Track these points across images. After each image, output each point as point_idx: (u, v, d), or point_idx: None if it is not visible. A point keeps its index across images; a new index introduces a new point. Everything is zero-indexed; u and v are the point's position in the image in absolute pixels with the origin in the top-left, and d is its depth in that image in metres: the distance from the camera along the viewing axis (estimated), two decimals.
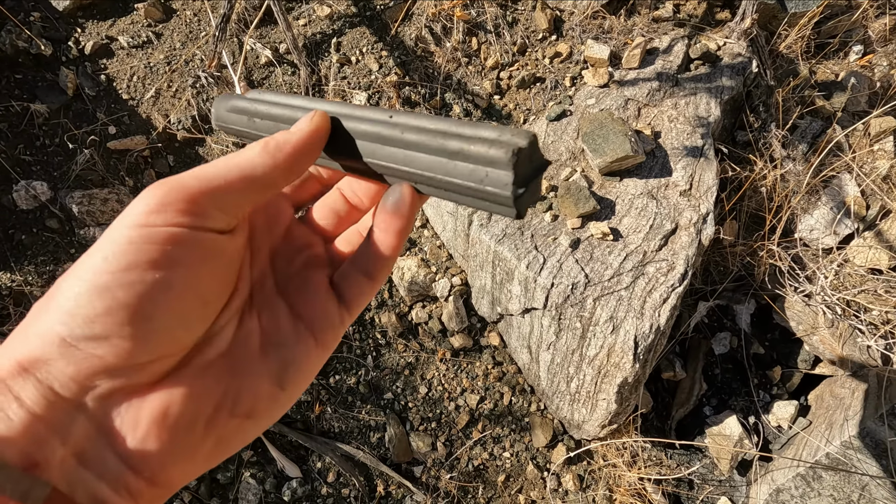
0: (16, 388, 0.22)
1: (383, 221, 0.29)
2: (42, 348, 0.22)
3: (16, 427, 0.21)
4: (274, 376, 0.27)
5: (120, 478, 0.23)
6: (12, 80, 1.64)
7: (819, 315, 1.52)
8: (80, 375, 0.22)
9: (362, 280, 0.30)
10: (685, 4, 1.78)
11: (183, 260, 0.24)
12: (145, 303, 0.23)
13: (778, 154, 1.61)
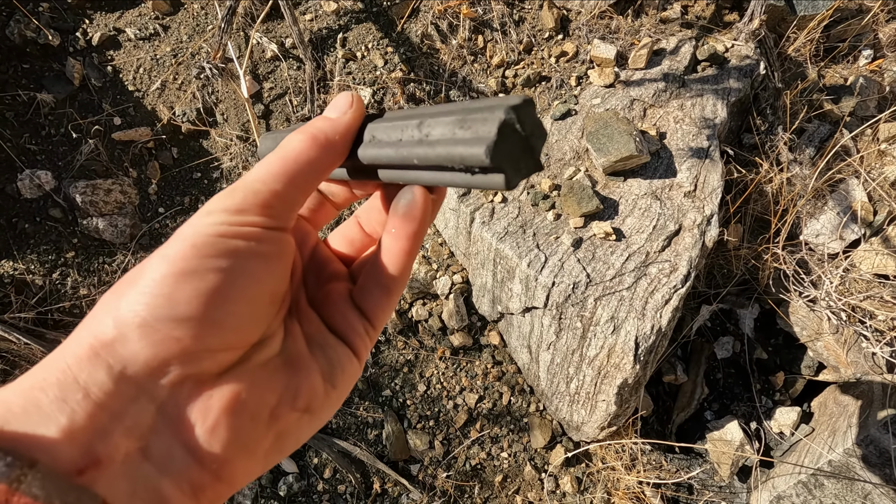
0: (83, 377, 0.22)
1: (395, 226, 0.29)
2: (119, 329, 0.22)
3: (80, 420, 0.21)
4: (325, 374, 0.29)
5: (184, 472, 0.23)
6: (19, 70, 1.65)
7: (824, 321, 1.50)
8: (156, 359, 0.22)
9: (377, 292, 0.30)
10: (693, 6, 1.77)
11: (261, 255, 0.25)
12: (227, 289, 0.24)
13: (784, 157, 1.59)
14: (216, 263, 0.23)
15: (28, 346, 1.47)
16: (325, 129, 0.28)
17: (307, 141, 0.27)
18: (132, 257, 1.63)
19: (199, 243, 0.24)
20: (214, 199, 0.26)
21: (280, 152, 0.27)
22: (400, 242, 0.29)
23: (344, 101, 0.29)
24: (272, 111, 1.68)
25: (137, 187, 1.66)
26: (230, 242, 0.24)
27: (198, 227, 0.24)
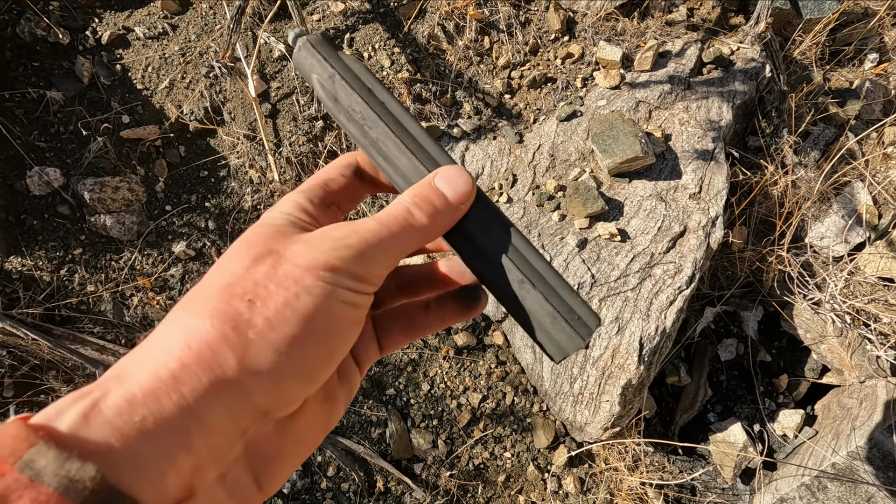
0: (204, 416, 0.23)
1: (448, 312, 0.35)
2: (247, 377, 0.24)
3: (194, 458, 0.22)
4: (347, 397, 0.32)
5: (246, 494, 0.25)
6: (29, 68, 1.66)
7: (828, 323, 1.50)
8: (269, 406, 0.25)
9: (401, 337, 0.35)
10: (699, 8, 1.78)
11: (360, 321, 0.28)
12: (335, 354, 0.27)
13: (789, 160, 1.59)
14: (335, 331, 0.26)
15: (35, 342, 1.48)
16: (445, 215, 0.30)
17: (428, 219, 0.30)
18: (139, 255, 1.64)
19: (329, 310, 0.26)
20: (342, 254, 0.27)
21: (397, 222, 0.29)
22: (438, 325, 0.34)
23: (464, 186, 0.31)
24: (279, 110, 1.69)
25: (145, 185, 1.67)
26: (348, 313, 0.27)
27: (328, 290, 0.26)
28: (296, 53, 0.34)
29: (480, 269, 0.32)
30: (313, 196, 0.31)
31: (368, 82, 0.33)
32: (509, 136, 1.63)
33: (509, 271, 0.32)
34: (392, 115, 0.33)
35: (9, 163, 1.62)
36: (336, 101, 0.33)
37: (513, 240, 0.33)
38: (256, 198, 1.67)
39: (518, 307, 0.32)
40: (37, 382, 1.54)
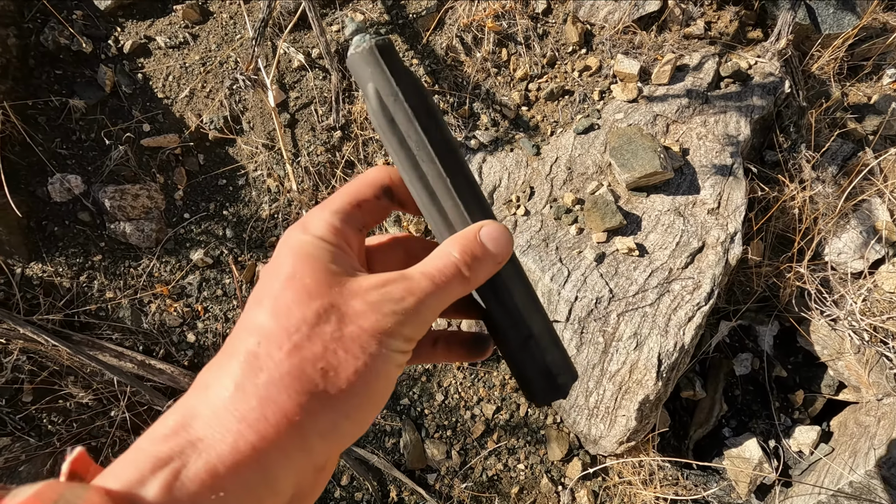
0: (274, 476, 0.24)
1: (453, 356, 0.37)
2: (315, 443, 0.26)
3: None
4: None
5: None
6: (52, 76, 1.68)
7: (846, 340, 1.49)
8: (330, 460, 0.28)
9: None
10: (717, 22, 1.78)
11: (400, 371, 0.30)
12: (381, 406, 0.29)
13: (807, 175, 1.59)
14: (389, 390, 0.28)
15: (55, 348, 1.50)
16: (487, 271, 0.32)
17: (472, 274, 0.31)
18: (157, 262, 1.65)
19: (389, 374, 0.28)
20: (401, 319, 0.28)
21: (448, 280, 0.30)
22: (440, 360, 0.37)
23: (507, 245, 0.33)
24: (297, 120, 1.71)
25: (164, 193, 1.68)
26: (398, 370, 0.29)
27: (389, 357, 0.28)
28: (355, 55, 0.31)
29: (497, 322, 0.34)
30: (348, 218, 0.31)
31: (431, 111, 0.32)
32: (526, 149, 1.63)
33: (521, 327, 0.33)
34: (447, 152, 0.32)
35: (31, 169, 1.64)
36: (392, 123, 0.31)
37: (529, 296, 0.34)
38: (274, 207, 1.68)
39: (518, 358, 0.34)
40: (55, 388, 1.55)
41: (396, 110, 0.31)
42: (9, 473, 1.47)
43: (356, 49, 0.32)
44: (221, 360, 0.27)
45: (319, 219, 0.31)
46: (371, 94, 0.31)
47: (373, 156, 1.69)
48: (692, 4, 1.75)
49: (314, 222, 0.31)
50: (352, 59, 0.32)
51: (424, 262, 0.31)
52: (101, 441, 1.58)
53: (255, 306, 0.28)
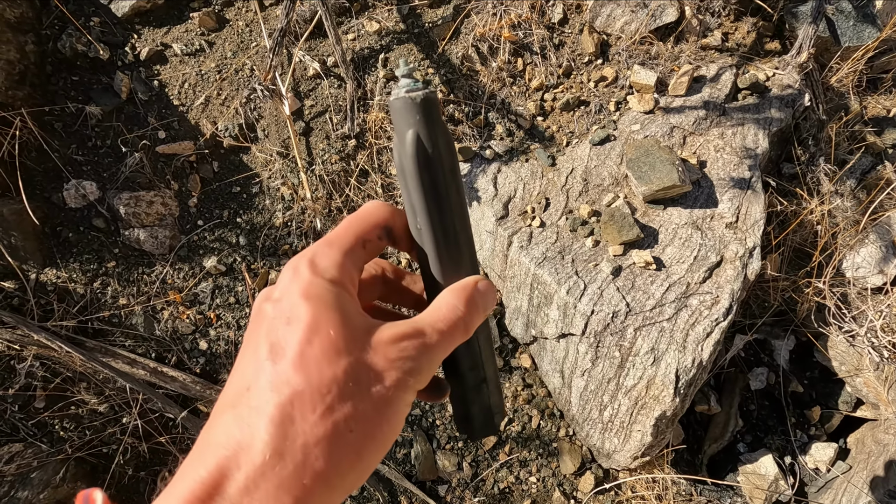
0: None
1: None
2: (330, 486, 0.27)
3: None
4: None
5: None
6: (69, 82, 1.69)
7: (864, 357, 1.48)
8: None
9: None
10: (734, 33, 1.77)
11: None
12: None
13: (826, 189, 1.57)
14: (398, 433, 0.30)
15: (69, 355, 1.50)
16: (480, 321, 0.34)
17: (469, 326, 0.33)
18: (170, 269, 1.65)
19: (402, 421, 0.30)
20: (417, 374, 0.30)
21: (455, 332, 0.33)
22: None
23: (493, 296, 0.35)
24: (312, 128, 1.71)
25: (178, 200, 1.69)
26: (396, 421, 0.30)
27: (406, 407, 0.30)
28: (406, 100, 0.33)
29: (460, 364, 0.37)
30: (355, 259, 0.32)
31: (455, 170, 0.35)
32: (542, 159, 1.62)
33: (479, 371, 0.37)
34: (461, 208, 0.35)
35: (47, 175, 1.65)
36: (422, 172, 0.33)
37: (490, 343, 0.39)
38: (288, 215, 1.68)
39: (469, 398, 0.38)
40: (68, 395, 1.55)
41: (430, 162, 0.33)
42: (21, 479, 1.47)
43: (407, 94, 0.33)
44: (244, 413, 0.27)
45: (330, 259, 0.31)
46: (409, 140, 0.33)
47: (387, 165, 1.69)
48: (709, 15, 1.74)
49: (325, 262, 0.31)
50: (400, 103, 0.33)
51: (433, 315, 0.32)
52: (112, 448, 1.58)
53: (274, 354, 0.28)
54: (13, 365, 1.53)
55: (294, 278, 0.30)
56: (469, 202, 1.62)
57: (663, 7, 1.68)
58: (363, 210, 0.34)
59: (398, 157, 0.34)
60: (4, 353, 1.52)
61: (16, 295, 1.56)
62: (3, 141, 1.52)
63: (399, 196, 1.67)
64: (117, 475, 1.58)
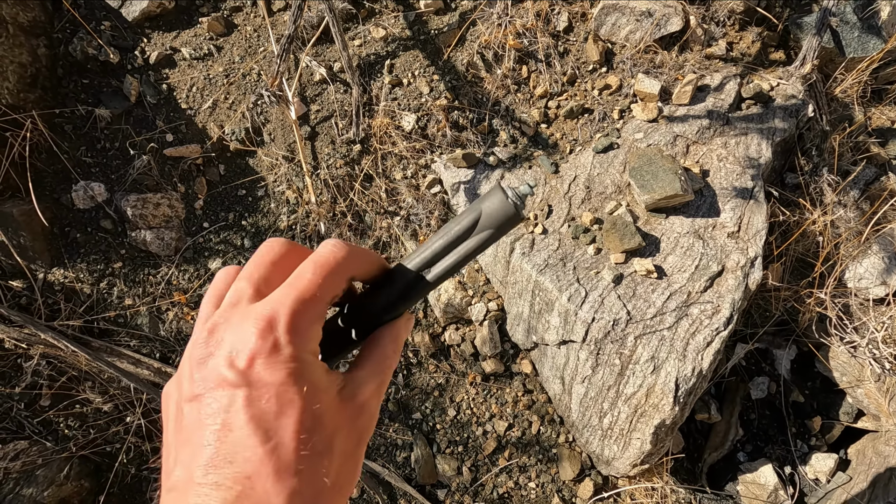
0: None
1: None
2: None
3: None
4: None
5: None
6: (79, 85, 1.71)
7: (866, 368, 1.47)
8: None
9: None
10: (739, 43, 1.77)
11: None
12: None
13: (829, 199, 1.58)
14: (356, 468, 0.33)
15: (75, 354, 1.52)
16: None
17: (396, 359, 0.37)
18: (176, 270, 1.67)
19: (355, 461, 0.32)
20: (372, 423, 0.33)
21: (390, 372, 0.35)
22: None
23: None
24: (318, 133, 1.72)
25: (184, 202, 1.71)
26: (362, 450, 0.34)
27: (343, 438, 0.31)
28: (512, 208, 0.35)
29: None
30: (324, 313, 0.31)
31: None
32: (545, 166, 1.63)
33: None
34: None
35: (56, 176, 1.67)
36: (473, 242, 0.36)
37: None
38: (292, 218, 1.69)
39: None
40: (73, 393, 1.57)
41: (480, 239, 0.36)
42: (26, 477, 1.49)
43: (515, 203, 0.35)
44: None
45: (310, 327, 0.29)
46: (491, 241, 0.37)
47: (391, 170, 1.70)
48: (714, 25, 1.75)
49: (305, 331, 0.29)
50: (514, 214, 0.35)
51: (374, 368, 0.34)
52: (116, 447, 1.60)
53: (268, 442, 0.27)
54: (20, 363, 1.55)
55: (275, 355, 0.27)
56: None
57: (668, 16, 1.68)
58: (336, 263, 0.32)
59: (462, 221, 0.36)
60: (12, 351, 1.54)
61: (24, 294, 1.58)
62: (14, 142, 1.55)
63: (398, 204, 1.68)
64: (120, 474, 1.59)
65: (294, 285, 0.29)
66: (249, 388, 0.27)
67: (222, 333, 0.28)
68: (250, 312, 0.28)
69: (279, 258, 0.32)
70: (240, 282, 0.31)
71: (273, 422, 0.27)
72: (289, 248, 0.33)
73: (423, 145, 1.69)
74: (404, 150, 1.67)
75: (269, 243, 0.33)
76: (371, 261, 0.35)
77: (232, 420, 0.26)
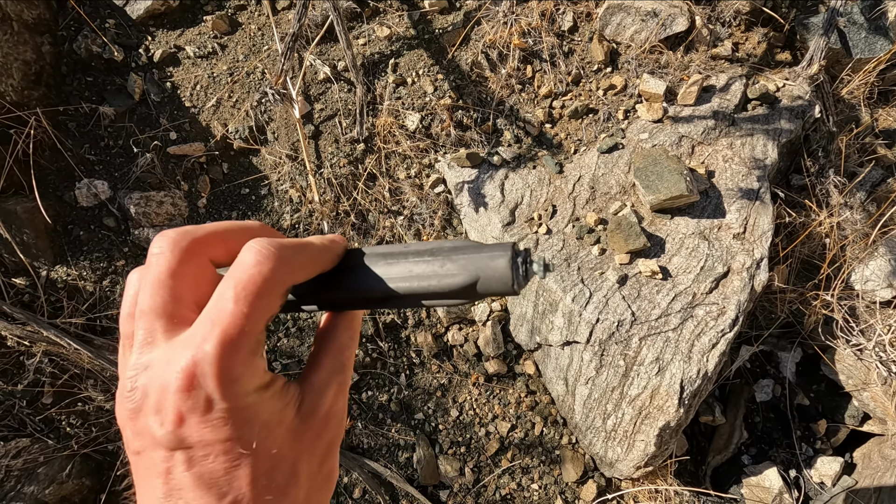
0: None
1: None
2: None
3: None
4: None
5: None
6: (83, 83, 1.71)
7: (872, 371, 1.46)
8: None
9: None
10: (744, 43, 1.76)
11: None
12: None
13: (835, 201, 1.57)
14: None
15: (77, 352, 1.51)
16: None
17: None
18: None
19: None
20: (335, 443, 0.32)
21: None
22: None
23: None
24: (322, 132, 1.72)
25: (188, 200, 1.70)
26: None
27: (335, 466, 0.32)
28: (523, 288, 0.32)
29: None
30: (261, 340, 0.26)
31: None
32: (549, 166, 1.63)
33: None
34: None
35: (59, 174, 1.67)
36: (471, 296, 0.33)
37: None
38: (296, 217, 1.69)
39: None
40: (75, 391, 1.57)
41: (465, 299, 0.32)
42: (27, 474, 1.49)
43: (516, 285, 0.31)
44: None
45: (244, 364, 0.24)
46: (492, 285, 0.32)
47: (395, 169, 1.70)
48: (720, 25, 1.74)
49: (239, 374, 0.24)
50: (505, 287, 0.31)
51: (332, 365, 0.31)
52: (117, 445, 1.59)
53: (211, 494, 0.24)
54: (22, 361, 1.54)
55: (208, 413, 0.24)
56: (476, 208, 1.62)
57: (674, 16, 1.68)
58: (264, 280, 0.25)
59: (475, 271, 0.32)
60: (14, 348, 1.53)
61: (27, 291, 1.58)
62: (18, 139, 1.55)
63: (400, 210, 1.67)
64: (122, 473, 1.59)
65: (215, 321, 0.24)
66: (189, 449, 0.24)
67: (144, 384, 0.24)
68: (169, 360, 0.24)
69: (179, 266, 0.26)
70: (141, 318, 0.25)
71: (224, 478, 0.24)
72: (188, 245, 0.26)
73: (427, 145, 1.68)
74: (408, 149, 1.67)
75: (158, 249, 0.26)
76: (313, 260, 0.29)
77: (178, 480, 0.24)
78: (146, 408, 0.24)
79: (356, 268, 0.32)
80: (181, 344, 0.24)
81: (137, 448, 0.25)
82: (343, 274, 0.32)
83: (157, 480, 0.24)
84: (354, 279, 0.32)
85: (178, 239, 0.26)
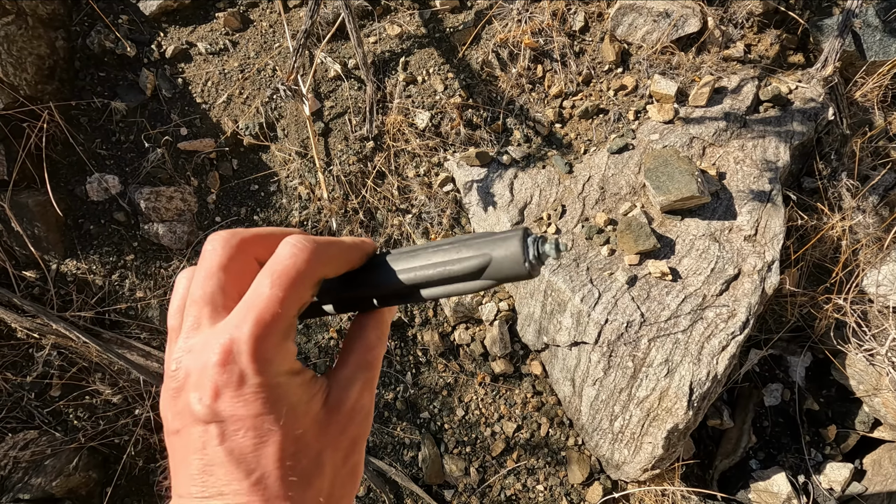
0: None
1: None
2: None
3: None
4: None
5: None
6: (96, 78, 1.73)
7: (884, 376, 1.45)
8: None
9: None
10: (757, 45, 1.75)
11: None
12: None
13: (847, 204, 1.55)
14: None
15: (86, 345, 1.52)
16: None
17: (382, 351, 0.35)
18: (187, 263, 1.67)
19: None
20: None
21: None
22: None
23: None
24: (331, 129, 1.72)
25: (197, 196, 1.71)
26: None
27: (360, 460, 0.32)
28: (537, 265, 0.32)
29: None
30: (293, 326, 0.28)
31: None
32: (559, 166, 1.62)
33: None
34: None
35: (71, 168, 1.68)
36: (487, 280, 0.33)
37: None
38: (304, 214, 1.69)
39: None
40: (83, 384, 1.58)
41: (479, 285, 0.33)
42: (35, 466, 1.49)
43: (530, 267, 0.31)
44: None
45: (276, 346, 0.27)
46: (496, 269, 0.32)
47: (404, 167, 1.70)
48: (732, 26, 1.73)
49: (271, 354, 0.26)
50: (518, 269, 0.31)
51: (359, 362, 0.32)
52: (124, 439, 1.60)
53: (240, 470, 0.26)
54: (31, 353, 1.55)
55: (242, 387, 0.26)
56: (484, 207, 1.62)
57: (686, 17, 1.67)
58: (298, 270, 0.28)
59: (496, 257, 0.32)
60: (24, 341, 1.54)
61: (37, 284, 1.59)
62: (31, 133, 1.56)
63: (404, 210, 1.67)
64: (128, 466, 1.60)
65: (252, 305, 0.26)
66: (222, 423, 0.26)
67: (187, 365, 0.27)
68: (209, 341, 0.26)
69: (228, 261, 0.28)
70: (191, 306, 0.28)
71: (252, 454, 0.26)
72: (237, 244, 0.29)
73: (437, 143, 1.68)
74: (417, 147, 1.67)
75: (211, 246, 0.29)
76: (344, 256, 0.31)
77: (211, 456, 0.26)
78: (188, 385, 0.26)
79: (381, 265, 0.33)
80: (221, 327, 0.27)
81: (177, 427, 0.27)
82: (369, 271, 0.33)
83: (194, 456, 0.26)
84: (379, 274, 0.33)
85: (229, 238, 0.29)
